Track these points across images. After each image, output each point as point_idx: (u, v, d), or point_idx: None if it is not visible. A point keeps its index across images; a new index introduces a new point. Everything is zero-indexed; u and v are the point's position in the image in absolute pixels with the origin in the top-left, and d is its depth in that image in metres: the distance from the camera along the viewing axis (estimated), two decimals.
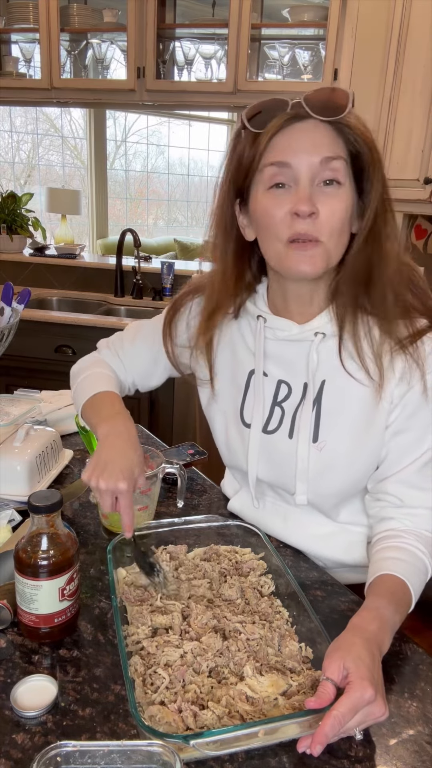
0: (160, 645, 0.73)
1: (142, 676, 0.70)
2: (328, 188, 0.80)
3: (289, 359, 0.93)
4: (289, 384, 0.93)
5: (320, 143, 0.78)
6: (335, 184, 0.80)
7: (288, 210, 0.80)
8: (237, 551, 0.94)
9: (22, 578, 0.75)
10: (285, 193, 0.81)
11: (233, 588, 0.84)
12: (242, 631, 0.76)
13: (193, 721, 0.64)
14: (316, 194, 0.79)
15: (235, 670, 0.71)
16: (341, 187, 0.80)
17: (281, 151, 0.79)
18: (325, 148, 0.78)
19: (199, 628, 0.76)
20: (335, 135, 0.79)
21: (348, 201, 0.81)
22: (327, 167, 0.79)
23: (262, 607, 0.81)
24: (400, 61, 2.28)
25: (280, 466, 0.95)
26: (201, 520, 0.96)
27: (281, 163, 0.79)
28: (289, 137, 0.79)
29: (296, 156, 0.79)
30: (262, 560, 0.91)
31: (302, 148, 0.78)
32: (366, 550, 0.97)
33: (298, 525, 0.99)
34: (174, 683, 0.68)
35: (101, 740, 0.65)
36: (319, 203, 0.79)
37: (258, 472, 0.98)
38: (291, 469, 0.93)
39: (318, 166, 0.79)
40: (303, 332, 0.90)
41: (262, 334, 0.93)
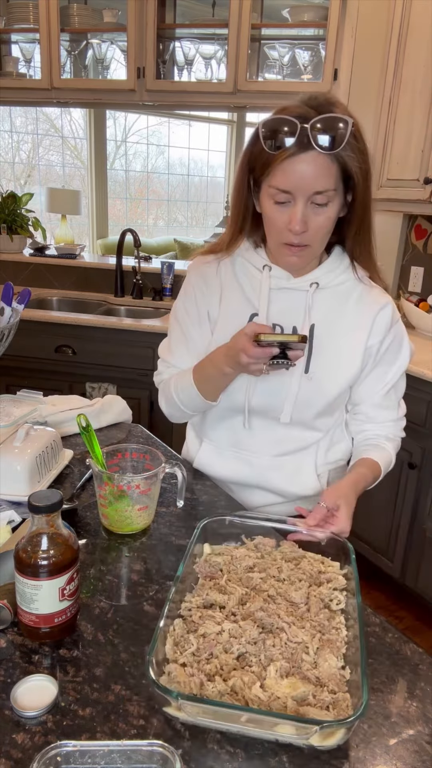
0: (204, 617, 0.77)
1: (177, 637, 0.74)
2: (318, 208, 0.99)
3: (285, 305, 1.12)
4: (281, 326, 1.12)
5: (316, 177, 0.95)
6: (324, 206, 0.99)
7: (284, 223, 1.00)
8: (323, 561, 0.92)
9: (22, 578, 0.75)
10: (285, 208, 1.00)
11: (299, 592, 0.83)
12: (287, 631, 0.76)
13: (197, 689, 0.67)
14: (307, 212, 0.99)
15: (264, 662, 0.72)
16: (330, 205, 0.99)
17: (285, 179, 0.97)
18: (319, 182, 0.96)
19: (247, 614, 0.78)
20: (330, 163, 0.96)
21: (334, 214, 1.01)
22: (320, 195, 0.97)
23: (319, 618, 0.80)
24: (400, 61, 2.28)
25: (273, 393, 1.13)
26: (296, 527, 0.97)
27: (282, 189, 0.98)
28: (292, 168, 0.96)
29: (295, 186, 0.97)
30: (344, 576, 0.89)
31: (301, 180, 0.96)
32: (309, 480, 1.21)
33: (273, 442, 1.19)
34: (200, 652, 0.71)
35: (101, 740, 0.65)
36: (310, 220, 0.99)
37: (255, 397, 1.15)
38: (282, 396, 1.13)
39: (311, 195, 0.97)
40: (300, 282, 1.11)
41: (268, 282, 1.11)
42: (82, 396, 1.62)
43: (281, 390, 1.13)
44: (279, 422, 1.15)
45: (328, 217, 1.00)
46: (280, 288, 1.12)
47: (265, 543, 0.95)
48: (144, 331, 2.52)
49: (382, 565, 2.36)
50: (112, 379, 2.60)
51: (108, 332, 2.55)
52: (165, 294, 3.01)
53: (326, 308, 1.11)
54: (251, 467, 1.21)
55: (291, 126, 0.93)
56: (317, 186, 0.96)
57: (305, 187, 0.96)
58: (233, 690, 0.67)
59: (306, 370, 1.11)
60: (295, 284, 1.11)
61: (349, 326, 1.11)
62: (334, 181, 0.97)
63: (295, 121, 0.93)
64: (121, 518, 1.01)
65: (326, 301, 1.11)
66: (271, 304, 1.12)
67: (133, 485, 0.99)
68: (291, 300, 1.12)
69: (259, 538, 0.95)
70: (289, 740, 0.65)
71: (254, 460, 1.20)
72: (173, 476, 1.10)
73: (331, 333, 1.11)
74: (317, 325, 1.11)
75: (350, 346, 1.12)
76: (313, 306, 1.11)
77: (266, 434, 1.18)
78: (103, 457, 1.05)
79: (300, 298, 1.11)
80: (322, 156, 0.94)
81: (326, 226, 1.01)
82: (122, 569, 0.94)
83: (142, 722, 0.67)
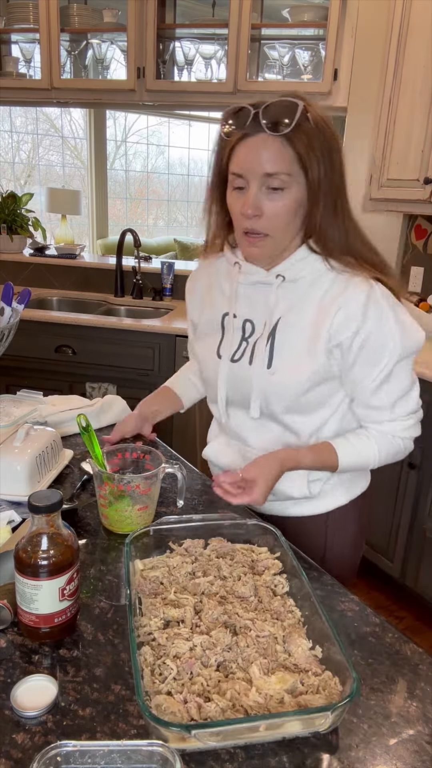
0: (171, 637, 0.74)
1: (151, 666, 0.71)
2: (273, 194, 0.97)
3: (255, 300, 1.10)
4: (252, 322, 1.11)
5: (269, 158, 0.94)
6: (279, 191, 0.96)
7: (240, 209, 0.99)
8: (254, 550, 0.94)
9: (22, 578, 0.75)
10: (241, 195, 0.99)
11: (246, 585, 0.84)
12: (252, 627, 0.76)
13: (197, 713, 0.65)
14: (262, 198, 0.97)
15: (243, 665, 0.71)
16: (285, 191, 0.97)
17: (237, 163, 0.98)
18: (271, 164, 0.94)
19: (210, 622, 0.77)
20: (282, 146, 0.94)
21: (291, 201, 0.98)
22: (271, 178, 0.95)
23: (274, 606, 0.82)
24: (400, 61, 2.28)
25: (240, 388, 1.12)
26: (218, 518, 0.97)
27: (237, 173, 0.98)
28: (244, 152, 0.96)
29: (246, 169, 0.96)
30: (278, 560, 0.91)
31: (251, 163, 0.96)
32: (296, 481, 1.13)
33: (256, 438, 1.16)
34: (182, 675, 0.69)
35: (101, 740, 0.65)
36: (264, 205, 0.97)
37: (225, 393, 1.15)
38: (248, 390, 1.10)
39: (264, 177, 0.95)
40: (268, 276, 1.08)
41: (236, 278, 1.11)
42: (82, 396, 1.62)
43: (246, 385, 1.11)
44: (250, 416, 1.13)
45: (284, 205, 0.97)
46: (251, 283, 1.10)
47: (195, 545, 0.94)
48: (144, 331, 2.52)
49: (382, 565, 2.36)
50: (112, 379, 2.60)
51: (108, 332, 2.55)
52: (165, 294, 3.01)
53: (291, 301, 1.07)
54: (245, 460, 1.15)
55: (244, 111, 0.96)
56: (267, 167, 0.95)
57: (255, 169, 0.95)
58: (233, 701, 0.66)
59: (268, 366, 1.08)
60: (264, 278, 1.08)
61: (311, 319, 1.05)
62: (287, 165, 0.95)
63: (247, 107, 0.95)
64: (121, 518, 1.01)
65: (292, 293, 1.07)
66: (242, 299, 1.12)
67: (133, 485, 0.99)
68: (260, 295, 1.10)
69: (187, 542, 0.94)
70: (295, 734, 0.65)
71: (248, 453, 1.17)
72: (173, 476, 1.10)
73: (292, 327, 1.06)
74: (281, 319, 1.07)
75: (309, 340, 1.05)
76: (279, 300, 1.07)
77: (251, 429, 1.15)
78: (103, 457, 1.05)
79: (266, 293, 1.09)
80: (272, 138, 0.94)
81: (283, 214, 0.98)
82: (122, 569, 0.94)
83: (142, 722, 0.67)
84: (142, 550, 0.91)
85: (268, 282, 1.08)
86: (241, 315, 1.12)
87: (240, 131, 0.97)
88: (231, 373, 1.13)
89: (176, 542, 0.94)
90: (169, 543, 0.94)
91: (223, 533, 0.95)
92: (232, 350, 1.13)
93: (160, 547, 0.93)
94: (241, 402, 1.14)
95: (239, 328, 1.13)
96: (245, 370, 1.10)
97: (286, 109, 0.93)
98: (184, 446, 2.57)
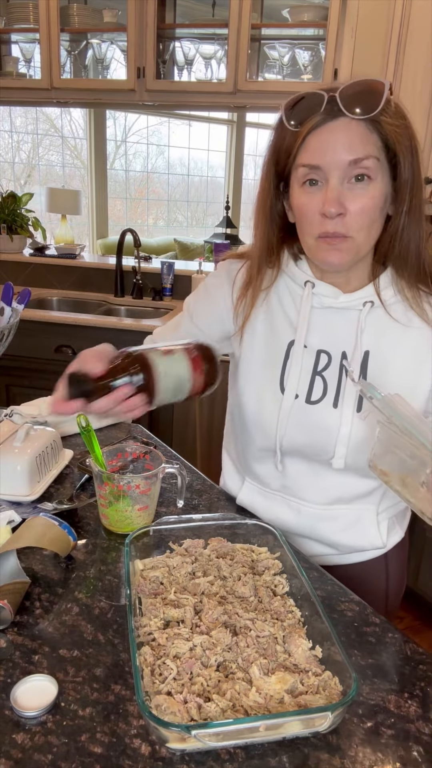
0: (171, 637, 0.74)
1: (151, 666, 0.71)
2: (358, 185, 0.82)
3: (332, 328, 0.95)
4: (329, 353, 0.95)
5: (350, 144, 0.80)
6: (366, 180, 0.82)
7: (317, 208, 0.83)
8: (253, 549, 0.94)
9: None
10: (317, 190, 0.84)
11: (246, 585, 0.84)
12: (252, 627, 0.77)
13: (197, 713, 0.65)
14: (345, 192, 0.82)
15: (243, 666, 0.71)
16: (372, 182, 0.82)
17: (313, 153, 0.82)
18: (354, 149, 0.80)
19: (210, 622, 0.77)
20: (368, 132, 0.80)
21: (379, 194, 0.83)
22: (357, 166, 0.81)
23: (274, 606, 0.82)
24: (400, 61, 2.28)
25: (319, 434, 0.96)
26: (218, 518, 0.97)
27: (313, 165, 0.83)
28: (321, 139, 0.81)
29: (326, 158, 0.81)
30: (278, 560, 0.91)
31: (332, 150, 0.81)
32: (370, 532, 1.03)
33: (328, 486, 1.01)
34: (181, 675, 0.69)
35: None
36: (348, 201, 0.82)
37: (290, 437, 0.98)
38: (332, 437, 0.95)
39: (347, 167, 0.81)
40: (351, 300, 0.92)
41: (309, 301, 0.94)
42: None
43: (328, 431, 0.96)
44: (327, 467, 0.98)
45: (372, 198, 0.82)
46: (325, 307, 0.94)
47: (195, 545, 0.93)
48: (144, 331, 2.51)
49: None
50: None
51: (108, 332, 2.55)
52: (165, 294, 3.01)
53: (381, 332, 0.92)
54: (299, 515, 1.04)
55: (317, 97, 0.81)
56: (352, 153, 0.79)
57: (338, 159, 0.80)
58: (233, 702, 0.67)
59: (358, 409, 0.93)
60: (345, 302, 0.92)
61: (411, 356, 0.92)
62: (374, 148, 0.80)
63: (321, 93, 0.81)
64: (121, 518, 1.01)
65: (381, 323, 0.92)
66: (312, 328, 0.95)
67: (133, 485, 0.99)
68: (338, 322, 0.94)
69: (187, 542, 0.94)
70: (295, 734, 0.65)
71: (303, 508, 1.03)
72: (173, 476, 1.10)
73: (388, 364, 0.92)
74: (371, 354, 0.93)
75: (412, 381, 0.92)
76: (365, 330, 0.92)
77: (314, 480, 1.02)
78: (103, 457, 1.05)
79: (350, 320, 0.93)
80: (355, 122, 0.79)
81: (369, 211, 0.82)
82: (122, 569, 0.94)
83: (142, 722, 0.67)
84: (142, 550, 0.91)
85: (352, 307, 0.93)
86: (313, 345, 0.96)
87: (314, 118, 0.81)
88: (303, 416, 0.96)
89: (176, 542, 0.94)
90: (169, 543, 0.94)
91: (223, 533, 0.95)
92: (303, 387, 0.96)
93: (160, 547, 0.93)
94: (310, 450, 0.98)
95: (311, 361, 0.96)
96: (329, 413, 0.95)
97: (370, 89, 0.79)
98: (184, 446, 2.57)
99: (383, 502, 1.04)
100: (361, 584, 1.03)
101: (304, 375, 0.97)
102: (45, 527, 0.96)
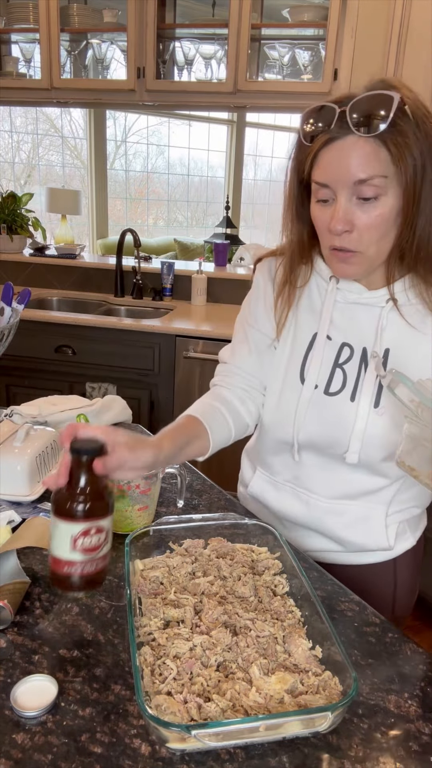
0: (171, 637, 0.74)
1: (151, 666, 0.71)
2: (366, 204, 0.83)
3: (355, 323, 0.97)
4: (351, 347, 0.97)
5: (358, 164, 0.81)
6: (373, 199, 0.82)
7: (327, 224, 0.86)
8: (253, 549, 0.94)
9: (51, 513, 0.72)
10: (327, 207, 0.86)
11: (246, 585, 0.84)
12: (252, 628, 0.77)
13: (197, 713, 0.65)
14: (353, 209, 0.83)
15: (243, 666, 0.71)
16: (381, 198, 0.82)
17: (323, 171, 0.84)
18: (362, 169, 0.80)
19: (210, 622, 0.77)
20: (376, 147, 0.80)
21: (388, 209, 0.83)
22: (364, 185, 0.81)
23: (274, 606, 0.82)
24: (400, 61, 2.28)
25: (335, 427, 0.98)
26: (218, 518, 0.97)
27: (322, 183, 0.85)
28: (331, 157, 0.83)
29: (334, 177, 0.83)
30: (278, 560, 0.91)
31: (339, 170, 0.82)
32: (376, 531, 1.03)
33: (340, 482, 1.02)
34: (181, 675, 0.69)
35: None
36: (356, 218, 0.84)
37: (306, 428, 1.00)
38: (347, 430, 0.96)
39: (354, 186, 0.82)
40: (374, 297, 0.94)
41: (333, 295, 0.97)
42: (82, 396, 1.61)
43: (344, 424, 0.97)
44: (339, 461, 0.99)
45: (380, 215, 0.83)
46: (349, 302, 0.96)
47: (195, 545, 0.93)
48: (144, 331, 2.52)
49: None
50: (112, 379, 2.60)
51: (108, 332, 2.55)
52: (165, 294, 3.01)
53: (402, 331, 0.94)
54: (307, 507, 1.06)
55: (328, 111, 0.81)
56: (359, 173, 0.80)
57: (344, 177, 0.81)
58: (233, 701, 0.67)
59: (376, 404, 0.95)
60: (368, 299, 0.95)
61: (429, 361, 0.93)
62: (382, 166, 0.80)
63: (332, 106, 0.81)
64: (121, 518, 1.01)
65: (403, 321, 0.93)
66: (336, 322, 0.98)
67: (133, 485, 0.99)
68: (361, 317, 0.96)
69: (187, 542, 0.94)
70: (295, 734, 0.65)
71: (311, 501, 1.05)
72: (173, 476, 1.10)
73: (406, 362, 0.93)
74: (391, 351, 0.94)
75: None
76: (386, 327, 0.94)
77: (325, 473, 1.03)
78: None
79: (372, 317, 0.95)
80: (363, 140, 0.79)
81: (378, 227, 0.84)
82: (122, 569, 0.94)
83: (142, 722, 0.67)
84: (142, 550, 0.91)
85: (375, 304, 0.95)
86: (337, 338, 0.98)
87: (324, 135, 0.82)
88: (321, 407, 0.98)
89: (176, 542, 0.94)
90: (169, 543, 0.94)
91: (223, 533, 0.95)
92: (325, 379, 0.98)
93: (160, 547, 0.93)
94: (324, 443, 1.00)
95: (333, 353, 0.98)
96: (345, 406, 0.97)
97: (378, 105, 0.78)
98: None
99: (394, 505, 1.04)
100: (367, 587, 1.03)
101: (324, 366, 0.99)
102: (45, 527, 0.96)
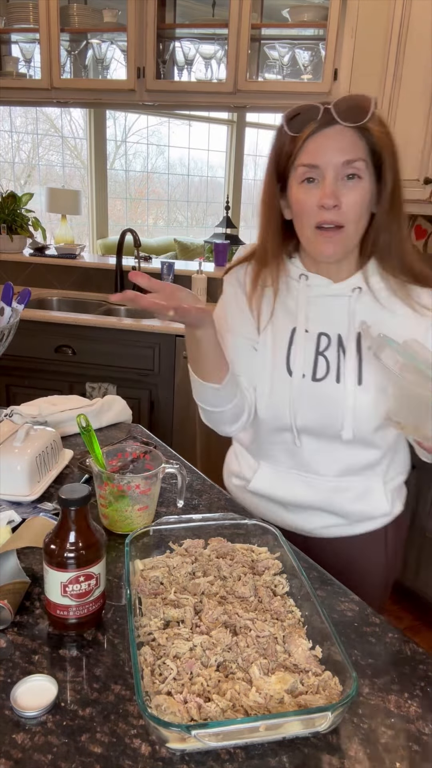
0: (171, 637, 0.75)
1: (151, 666, 0.71)
2: (350, 182, 0.96)
3: (328, 313, 1.07)
4: (328, 335, 1.07)
5: (344, 147, 0.94)
6: (356, 179, 0.96)
7: (316, 202, 0.96)
8: (253, 549, 0.94)
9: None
10: (314, 187, 0.97)
11: (246, 585, 0.84)
12: (252, 627, 0.77)
13: (197, 713, 0.65)
14: (339, 188, 0.95)
15: (243, 665, 0.71)
16: (361, 180, 0.96)
17: (311, 154, 0.96)
18: (347, 152, 0.94)
19: (210, 622, 0.77)
20: (358, 138, 0.95)
21: (366, 191, 0.97)
22: (349, 166, 0.95)
23: (274, 606, 0.82)
24: (400, 61, 2.28)
25: (327, 408, 1.06)
26: (218, 518, 0.97)
27: (311, 164, 0.96)
28: (319, 142, 0.95)
29: (323, 158, 0.95)
30: (278, 560, 0.91)
31: (328, 152, 0.95)
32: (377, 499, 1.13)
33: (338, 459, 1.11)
34: (182, 675, 0.69)
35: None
36: (342, 195, 0.95)
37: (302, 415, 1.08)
38: (339, 409, 1.05)
39: (341, 166, 0.95)
40: (341, 287, 1.06)
41: (305, 292, 1.07)
42: (82, 396, 1.62)
43: (335, 405, 1.05)
44: (337, 440, 1.07)
45: (361, 194, 0.96)
46: (319, 296, 1.07)
47: (195, 545, 0.94)
48: (144, 331, 2.52)
49: None
50: (112, 379, 2.60)
51: (108, 332, 2.55)
52: None
53: (373, 313, 1.04)
54: (315, 490, 1.13)
55: (314, 108, 0.95)
56: (346, 155, 0.94)
57: (334, 158, 0.94)
58: (233, 701, 0.67)
59: (359, 382, 1.04)
60: (336, 290, 1.06)
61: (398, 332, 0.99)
62: (363, 152, 0.95)
63: (317, 105, 0.95)
64: (121, 518, 1.01)
65: (370, 306, 1.05)
66: (312, 314, 1.07)
67: (133, 485, 0.99)
68: (332, 308, 1.06)
69: (187, 542, 0.94)
70: (295, 734, 0.65)
71: (317, 483, 1.12)
72: (173, 476, 1.10)
73: None
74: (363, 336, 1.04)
75: None
76: (356, 312, 1.05)
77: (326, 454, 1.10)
78: (103, 457, 1.05)
79: (342, 305, 1.06)
80: (347, 129, 0.94)
81: (360, 203, 0.96)
82: (122, 569, 0.94)
83: (142, 722, 0.67)
84: (142, 550, 0.91)
85: (342, 294, 1.05)
86: (314, 329, 1.07)
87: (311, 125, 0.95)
88: (312, 394, 1.06)
89: (176, 542, 0.94)
90: (169, 543, 0.94)
91: (223, 533, 0.95)
92: (308, 367, 1.07)
93: (160, 547, 0.93)
94: (320, 426, 1.07)
95: (313, 343, 1.07)
96: (333, 388, 1.05)
97: (360, 102, 0.94)
98: (184, 446, 2.57)
99: (389, 473, 1.15)
100: (364, 554, 1.12)
101: (308, 356, 1.07)
102: (45, 527, 0.96)
